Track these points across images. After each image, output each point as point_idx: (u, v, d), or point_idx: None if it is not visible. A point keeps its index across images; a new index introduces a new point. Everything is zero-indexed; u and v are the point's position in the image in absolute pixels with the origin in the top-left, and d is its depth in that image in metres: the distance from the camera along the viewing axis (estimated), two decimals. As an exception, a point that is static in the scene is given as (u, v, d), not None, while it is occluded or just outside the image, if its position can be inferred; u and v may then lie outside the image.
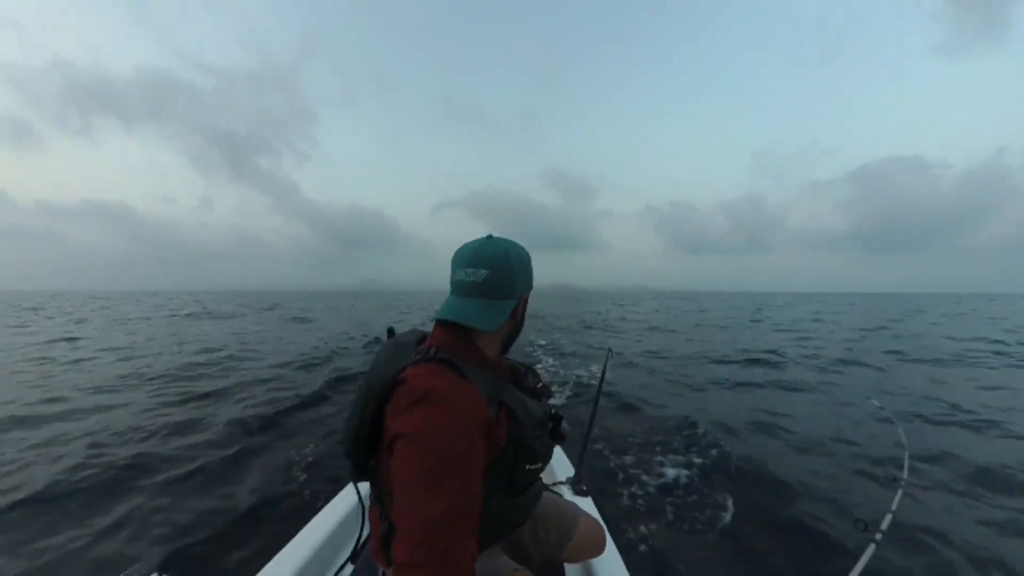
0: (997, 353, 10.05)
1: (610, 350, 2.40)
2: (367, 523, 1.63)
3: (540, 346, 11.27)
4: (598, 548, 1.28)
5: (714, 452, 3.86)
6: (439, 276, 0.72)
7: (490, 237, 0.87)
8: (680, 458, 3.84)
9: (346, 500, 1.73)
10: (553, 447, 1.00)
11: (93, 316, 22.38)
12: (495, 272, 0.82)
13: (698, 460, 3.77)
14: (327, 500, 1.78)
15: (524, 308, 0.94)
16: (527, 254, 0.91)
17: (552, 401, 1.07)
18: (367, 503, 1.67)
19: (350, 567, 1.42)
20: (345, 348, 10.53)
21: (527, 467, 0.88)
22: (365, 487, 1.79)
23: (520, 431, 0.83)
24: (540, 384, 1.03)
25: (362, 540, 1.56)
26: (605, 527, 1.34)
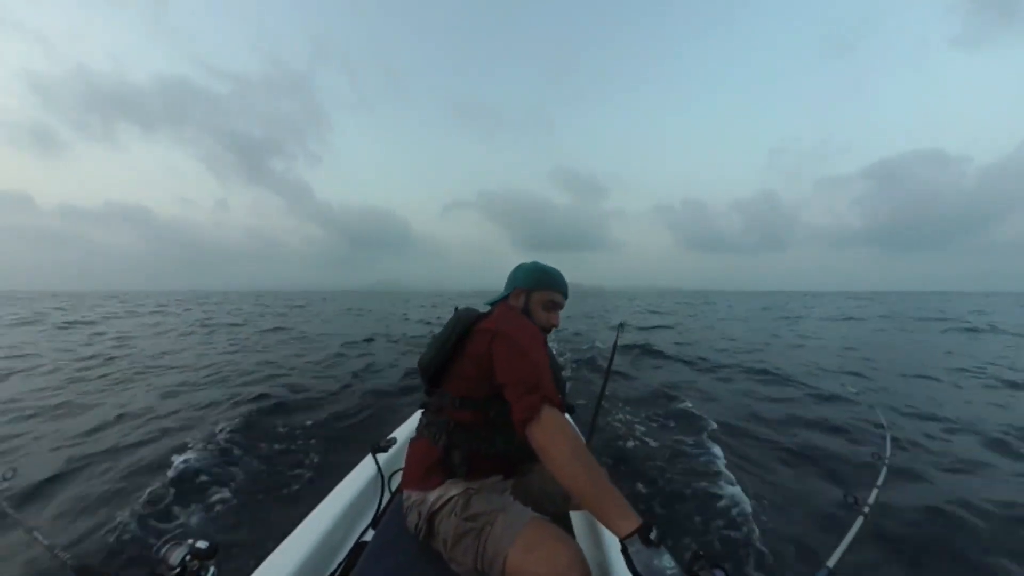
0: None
1: (622, 324, 2.42)
2: (387, 490, 1.71)
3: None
4: None
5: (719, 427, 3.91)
6: (451, 277, 0.63)
7: (534, 263, 1.49)
8: (689, 437, 3.90)
9: (366, 470, 1.81)
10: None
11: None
12: (510, 275, 1.46)
13: (708, 432, 3.83)
14: (348, 470, 1.85)
15: (523, 297, 1.39)
16: (532, 265, 1.43)
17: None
18: (386, 472, 1.75)
19: (371, 532, 1.50)
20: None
21: (559, 377, 1.40)
22: (383, 457, 1.87)
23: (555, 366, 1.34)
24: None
25: (383, 506, 1.64)
26: None
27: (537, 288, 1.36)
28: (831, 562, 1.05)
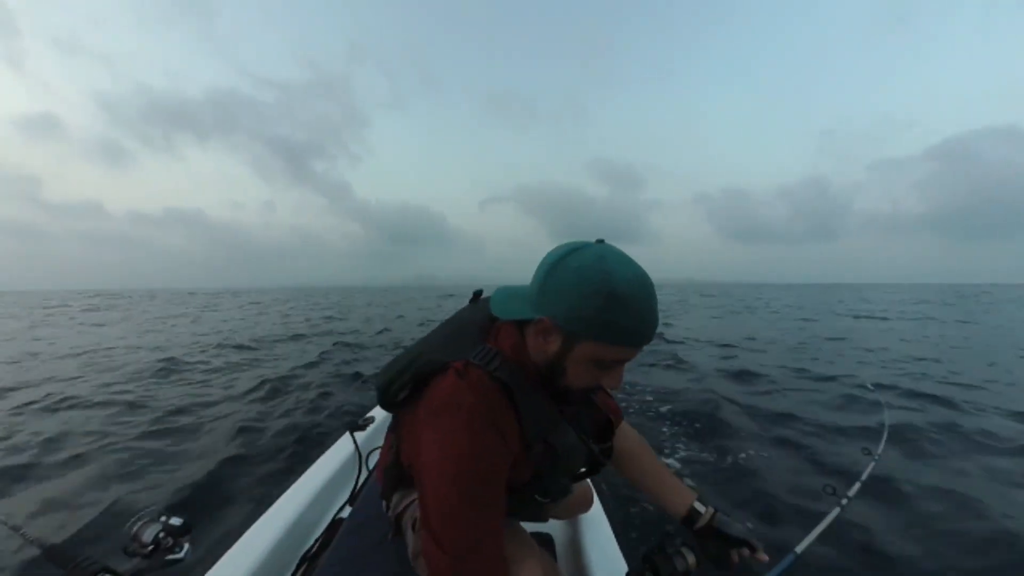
0: None
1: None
2: (364, 468, 1.72)
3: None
4: (585, 505, 1.31)
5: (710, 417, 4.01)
6: (488, 270, 0.60)
7: (601, 242, 0.69)
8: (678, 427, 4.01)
9: (344, 448, 1.81)
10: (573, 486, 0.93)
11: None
12: (538, 267, 0.70)
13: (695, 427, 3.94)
14: (325, 448, 1.86)
15: (556, 343, 0.67)
16: (593, 285, 0.61)
17: None
18: (363, 451, 1.76)
19: (348, 509, 1.51)
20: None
21: (536, 498, 0.86)
22: (360, 436, 1.88)
23: (549, 470, 0.79)
24: (599, 418, 0.92)
25: (360, 484, 1.65)
26: (592, 486, 1.38)
27: (592, 339, 0.64)
28: (800, 548, 1.06)
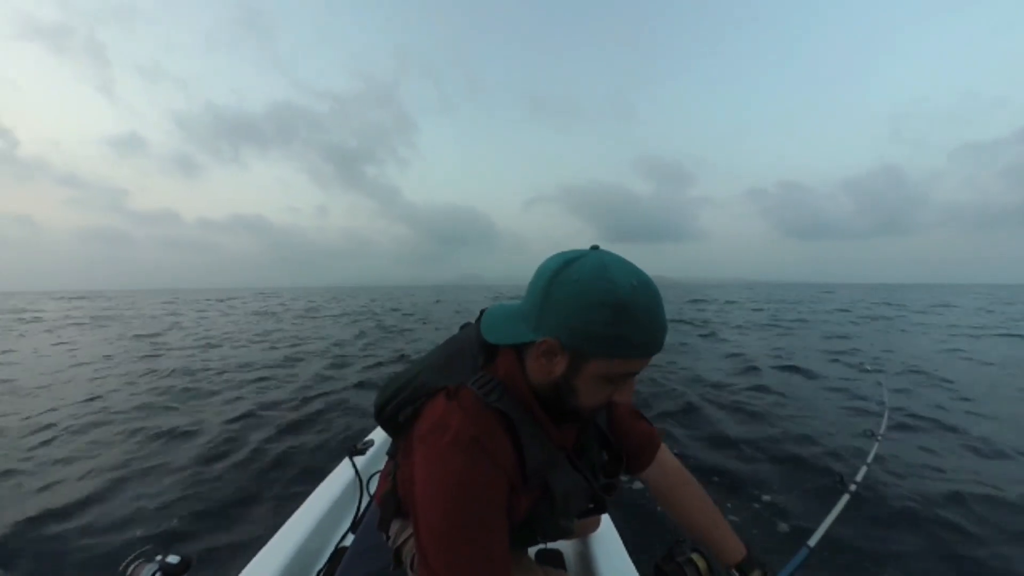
0: None
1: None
2: (365, 494, 1.69)
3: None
4: (592, 526, 1.27)
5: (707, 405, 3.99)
6: (532, 270, 0.66)
7: (596, 248, 0.64)
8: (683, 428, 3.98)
9: (343, 473, 1.78)
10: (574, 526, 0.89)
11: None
12: (532, 283, 0.65)
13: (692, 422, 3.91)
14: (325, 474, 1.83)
15: (562, 364, 0.62)
16: (598, 297, 0.56)
17: None
18: (364, 476, 1.73)
19: (351, 537, 1.48)
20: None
21: (527, 537, 0.80)
22: (360, 460, 1.84)
23: (546, 513, 0.73)
24: (606, 461, 0.84)
25: (362, 510, 1.62)
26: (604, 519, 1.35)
27: (602, 356, 0.59)
28: (812, 541, 1.04)
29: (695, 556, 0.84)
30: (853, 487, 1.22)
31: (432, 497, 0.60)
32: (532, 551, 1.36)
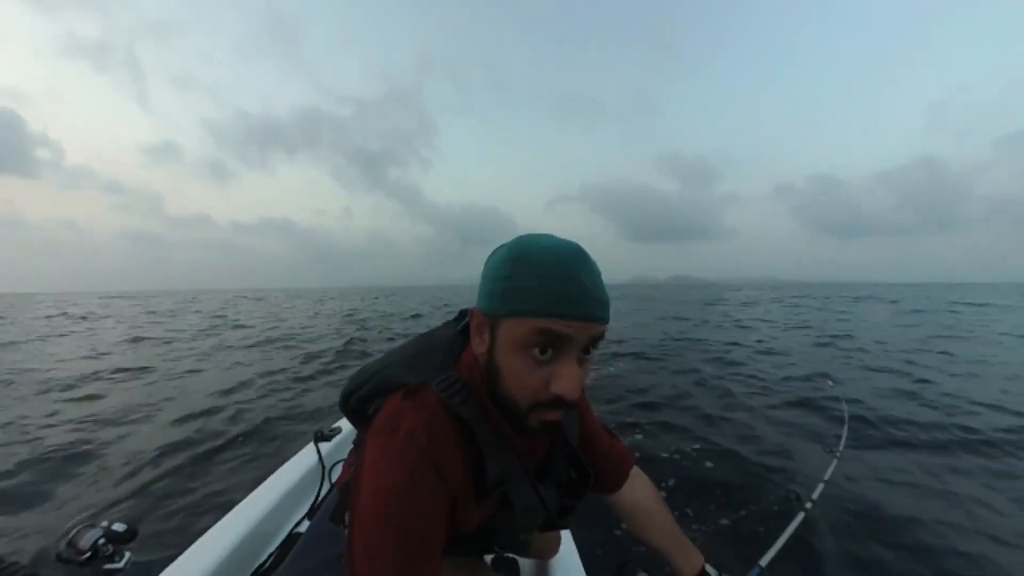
0: None
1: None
2: (326, 481, 1.66)
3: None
4: (551, 549, 1.23)
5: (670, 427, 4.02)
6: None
7: (549, 236, 0.61)
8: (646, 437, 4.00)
9: (307, 458, 1.75)
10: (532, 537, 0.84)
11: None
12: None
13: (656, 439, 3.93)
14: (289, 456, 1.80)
15: (487, 336, 0.59)
16: (503, 255, 0.57)
17: None
18: (327, 463, 1.70)
19: (307, 523, 1.45)
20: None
21: (484, 546, 0.79)
22: (326, 446, 1.81)
23: (505, 524, 0.71)
24: (573, 479, 0.80)
25: (320, 498, 1.59)
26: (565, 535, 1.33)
27: (507, 314, 0.56)
28: (764, 560, 1.03)
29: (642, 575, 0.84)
30: (809, 505, 1.22)
31: (370, 497, 0.57)
32: (488, 559, 1.35)
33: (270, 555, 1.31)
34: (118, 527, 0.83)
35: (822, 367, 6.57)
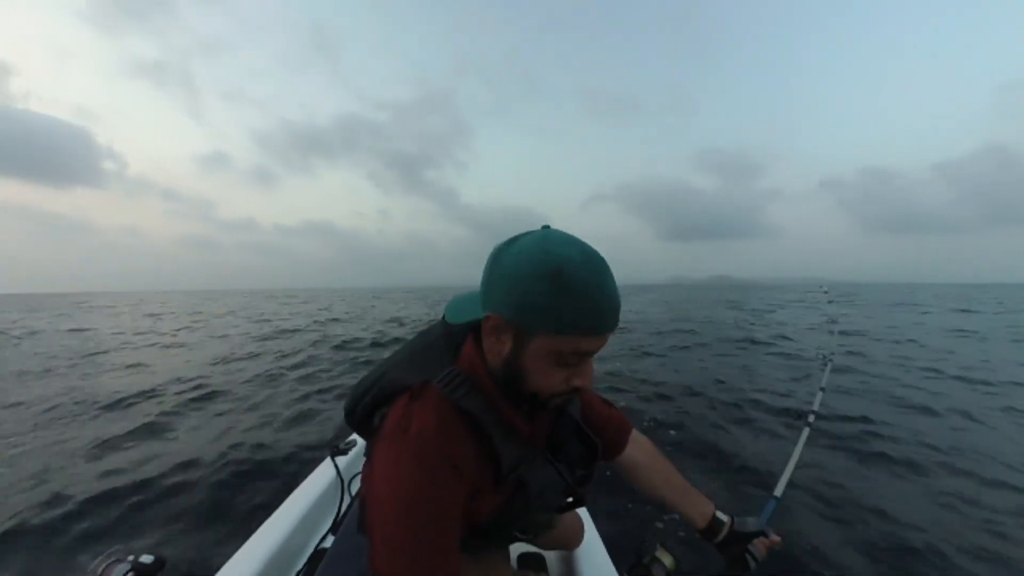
0: None
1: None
2: (346, 495, 1.67)
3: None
4: (574, 540, 1.24)
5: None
6: None
7: (545, 227, 0.62)
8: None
9: (325, 473, 1.76)
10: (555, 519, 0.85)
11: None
12: (485, 270, 0.63)
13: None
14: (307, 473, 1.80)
15: (508, 341, 0.60)
16: (534, 267, 0.54)
17: None
18: (346, 477, 1.71)
19: (331, 538, 1.46)
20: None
21: (505, 534, 0.80)
22: (342, 460, 1.82)
23: (519, 508, 0.71)
24: (581, 452, 0.82)
25: (342, 512, 1.60)
26: (584, 518, 1.34)
27: (545, 331, 0.56)
28: (778, 490, 1.06)
29: (659, 553, 0.87)
30: (812, 418, 1.24)
31: (387, 501, 0.57)
32: (515, 555, 1.35)
33: (298, 572, 1.32)
34: (146, 559, 0.83)
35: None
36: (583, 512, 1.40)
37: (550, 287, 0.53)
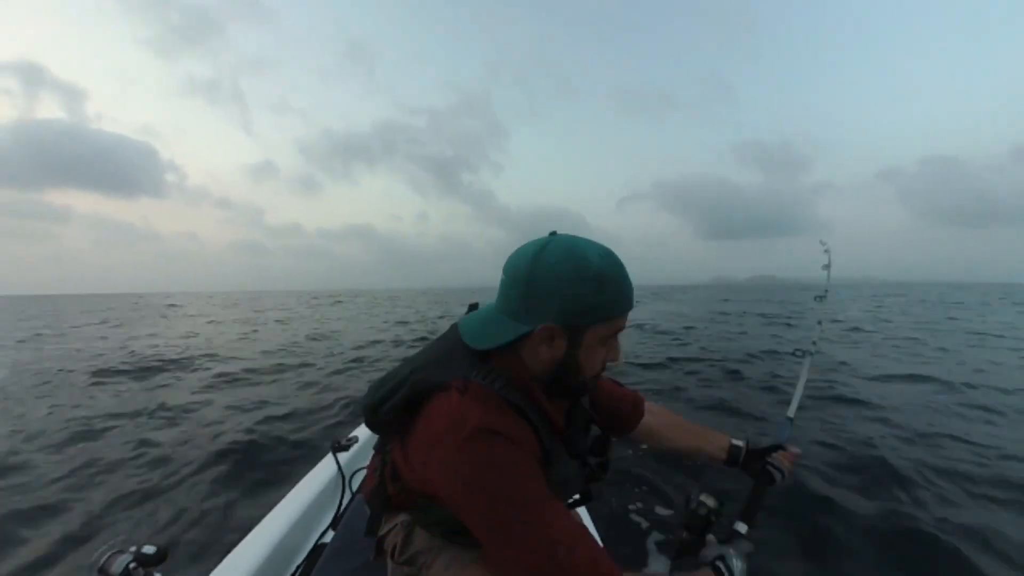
0: None
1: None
2: (347, 490, 1.67)
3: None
4: None
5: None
6: (627, 267, 0.71)
7: (552, 234, 0.70)
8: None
9: (326, 469, 1.76)
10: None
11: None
12: (508, 280, 0.69)
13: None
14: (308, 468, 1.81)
15: (563, 344, 0.67)
16: (579, 274, 0.63)
17: None
18: (347, 472, 1.72)
19: (331, 533, 1.46)
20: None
21: None
22: (344, 456, 1.83)
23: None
24: (592, 443, 0.87)
25: (343, 507, 1.61)
26: (586, 518, 1.37)
27: (596, 322, 0.67)
28: (791, 411, 1.14)
29: (704, 497, 0.92)
30: (813, 348, 1.29)
31: (470, 494, 0.60)
32: None
33: (297, 567, 1.32)
34: (148, 549, 0.83)
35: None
36: (583, 512, 1.40)
37: (597, 287, 0.64)
